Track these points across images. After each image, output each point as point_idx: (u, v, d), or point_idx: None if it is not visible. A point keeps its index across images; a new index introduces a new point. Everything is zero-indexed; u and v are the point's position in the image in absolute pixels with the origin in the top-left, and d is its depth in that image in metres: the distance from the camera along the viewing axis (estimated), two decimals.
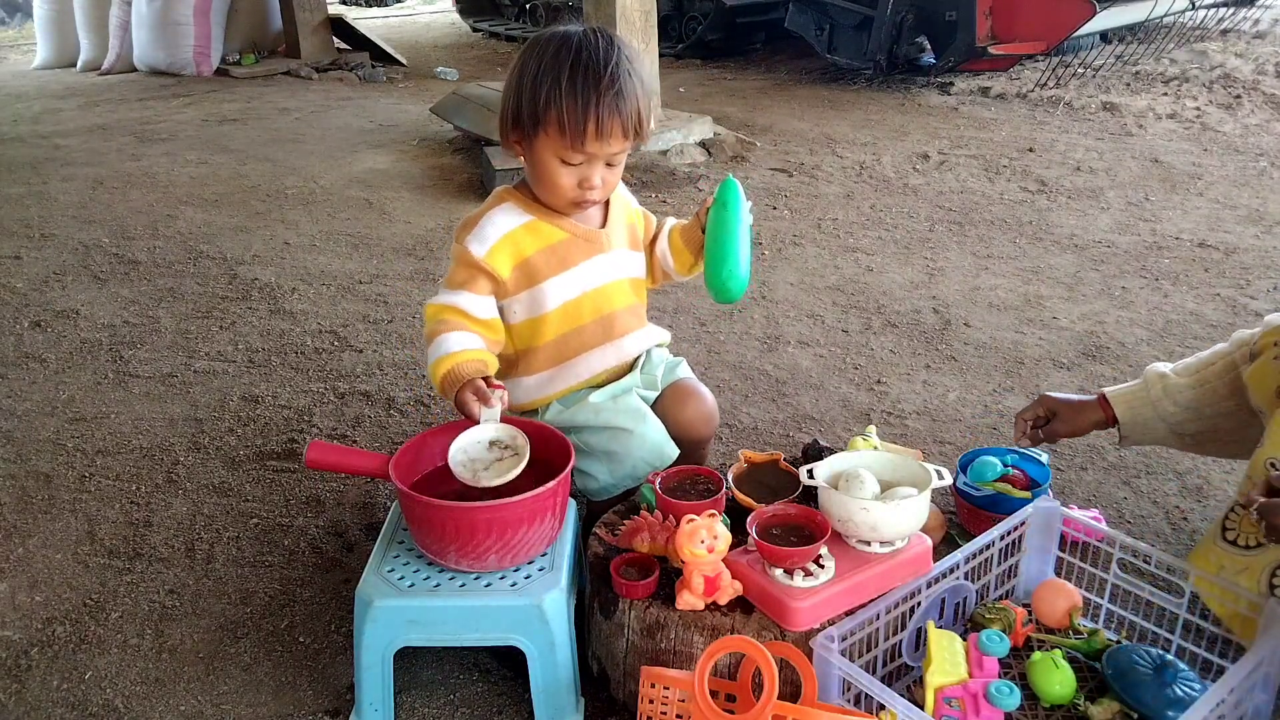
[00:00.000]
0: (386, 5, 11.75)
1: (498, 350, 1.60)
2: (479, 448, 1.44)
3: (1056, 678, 1.34)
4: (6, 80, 7.46)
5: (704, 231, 1.58)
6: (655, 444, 1.62)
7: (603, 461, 1.63)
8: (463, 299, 1.55)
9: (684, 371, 1.77)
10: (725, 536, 1.36)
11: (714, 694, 1.31)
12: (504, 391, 1.49)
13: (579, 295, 1.62)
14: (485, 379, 1.48)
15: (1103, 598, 1.53)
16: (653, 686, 1.33)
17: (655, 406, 1.69)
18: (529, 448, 1.42)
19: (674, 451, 1.64)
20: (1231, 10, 6.77)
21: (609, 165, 1.53)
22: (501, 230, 1.56)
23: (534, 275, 1.59)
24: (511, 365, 1.68)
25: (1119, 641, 1.45)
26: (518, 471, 1.38)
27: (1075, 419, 1.72)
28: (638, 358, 1.73)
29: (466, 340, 1.53)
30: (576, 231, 1.61)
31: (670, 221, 1.73)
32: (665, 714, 1.31)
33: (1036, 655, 1.38)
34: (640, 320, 1.73)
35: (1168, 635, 1.45)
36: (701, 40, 7.32)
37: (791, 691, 1.29)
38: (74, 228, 3.78)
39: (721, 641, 1.27)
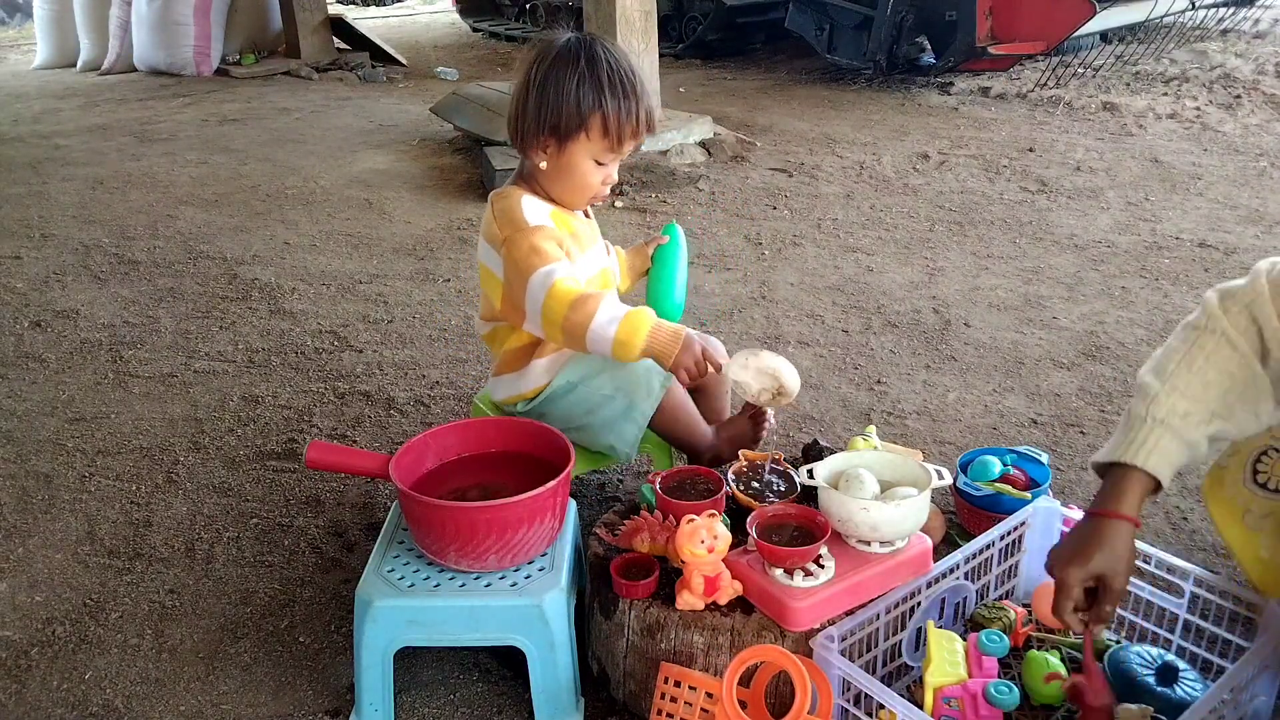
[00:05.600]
0: (386, 5, 11.75)
1: None
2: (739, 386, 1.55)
3: (1043, 677, 1.34)
4: (6, 80, 7.46)
5: (652, 261, 1.80)
6: (647, 368, 1.64)
7: (613, 403, 1.64)
8: (574, 267, 1.60)
9: None
10: (725, 536, 1.36)
11: None
12: None
13: (586, 280, 1.68)
14: None
15: None
16: (666, 682, 1.33)
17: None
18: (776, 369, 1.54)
19: (660, 377, 1.65)
20: (1231, 10, 6.77)
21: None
22: (543, 208, 1.62)
23: None
24: (528, 352, 1.70)
25: (1119, 641, 1.46)
26: (795, 386, 1.54)
27: (1122, 560, 1.23)
28: None
29: (620, 302, 1.57)
30: (580, 222, 1.71)
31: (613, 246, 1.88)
32: (677, 711, 1.32)
33: (1031, 653, 1.38)
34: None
35: (1168, 635, 1.45)
36: (701, 40, 7.31)
37: (784, 704, 1.29)
38: (74, 228, 3.78)
39: (755, 650, 1.27)
